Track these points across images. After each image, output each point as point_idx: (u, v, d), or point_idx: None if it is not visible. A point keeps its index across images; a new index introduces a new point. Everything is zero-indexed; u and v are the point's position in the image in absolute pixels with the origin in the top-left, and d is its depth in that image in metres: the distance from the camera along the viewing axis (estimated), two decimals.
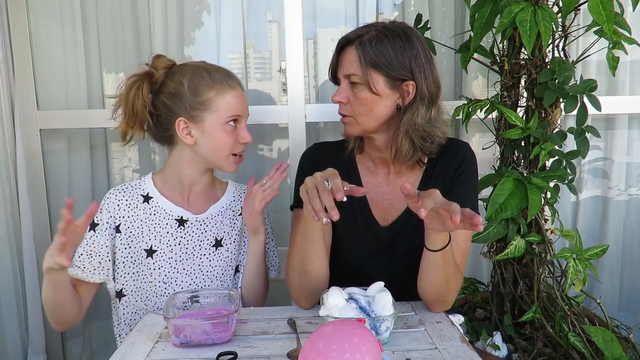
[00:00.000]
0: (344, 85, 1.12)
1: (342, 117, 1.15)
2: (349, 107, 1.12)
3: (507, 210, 1.28)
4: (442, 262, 1.02)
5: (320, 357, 0.70)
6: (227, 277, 1.27)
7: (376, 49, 1.07)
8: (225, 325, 0.96)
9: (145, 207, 1.21)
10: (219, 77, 1.17)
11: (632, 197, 1.97)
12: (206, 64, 1.20)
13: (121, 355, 0.93)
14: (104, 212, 1.18)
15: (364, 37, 1.09)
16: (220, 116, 1.16)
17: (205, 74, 1.17)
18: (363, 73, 1.08)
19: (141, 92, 1.17)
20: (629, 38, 1.31)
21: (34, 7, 1.74)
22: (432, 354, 0.91)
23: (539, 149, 1.34)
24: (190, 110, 1.15)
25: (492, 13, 1.31)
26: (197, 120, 1.16)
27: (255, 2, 1.83)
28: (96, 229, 1.17)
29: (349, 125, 1.15)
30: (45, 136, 1.79)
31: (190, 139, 1.17)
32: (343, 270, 1.18)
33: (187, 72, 1.17)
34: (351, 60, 1.09)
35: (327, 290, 0.96)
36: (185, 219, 1.22)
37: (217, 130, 1.16)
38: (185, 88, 1.15)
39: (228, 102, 1.16)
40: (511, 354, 1.41)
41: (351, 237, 1.20)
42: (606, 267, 1.97)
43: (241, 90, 1.20)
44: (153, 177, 1.25)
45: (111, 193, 1.21)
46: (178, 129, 1.17)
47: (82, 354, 1.92)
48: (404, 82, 1.09)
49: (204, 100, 1.15)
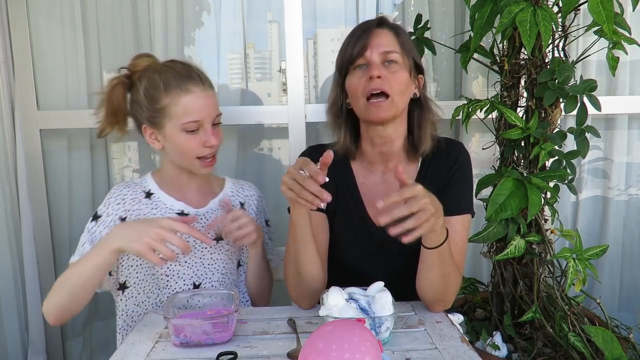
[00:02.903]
0: (376, 60, 1.10)
1: (374, 100, 1.09)
2: (386, 83, 1.08)
3: (507, 210, 1.28)
4: (439, 261, 1.02)
5: (320, 357, 0.70)
6: (228, 269, 1.27)
7: (406, 38, 1.14)
8: (225, 325, 0.96)
9: (148, 202, 1.22)
10: (175, 81, 1.14)
11: (632, 197, 1.97)
12: (168, 66, 1.17)
13: (121, 355, 0.93)
14: (110, 205, 1.20)
15: (392, 23, 1.14)
16: (177, 122, 1.13)
17: (159, 79, 1.14)
18: (403, 54, 1.12)
19: (119, 95, 1.19)
20: (629, 38, 1.31)
21: (34, 7, 1.74)
22: (432, 354, 0.91)
23: (539, 149, 1.34)
24: (150, 118, 1.16)
25: (492, 13, 1.31)
26: (159, 127, 1.16)
27: (255, 2, 1.83)
28: (98, 221, 1.18)
29: (384, 109, 1.09)
30: (45, 136, 1.79)
31: (158, 144, 1.19)
32: (341, 270, 1.18)
33: (145, 78, 1.16)
34: (390, 40, 1.11)
35: (327, 291, 0.96)
36: (186, 213, 1.23)
37: (176, 136, 1.15)
38: (142, 96, 1.15)
39: (185, 107, 1.13)
40: (511, 354, 1.41)
41: (347, 237, 1.20)
42: (606, 267, 1.97)
43: (203, 91, 1.16)
44: (153, 175, 1.27)
45: (116, 188, 1.24)
46: (145, 134, 1.19)
47: (82, 354, 1.92)
48: (418, 75, 1.16)
49: (159, 107, 1.14)
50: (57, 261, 1.84)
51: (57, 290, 1.10)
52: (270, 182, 1.89)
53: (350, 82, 1.13)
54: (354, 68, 1.12)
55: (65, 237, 1.85)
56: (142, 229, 1.04)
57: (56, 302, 1.11)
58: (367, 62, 1.10)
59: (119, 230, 1.09)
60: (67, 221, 1.84)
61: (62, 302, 1.11)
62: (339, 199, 1.21)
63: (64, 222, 1.84)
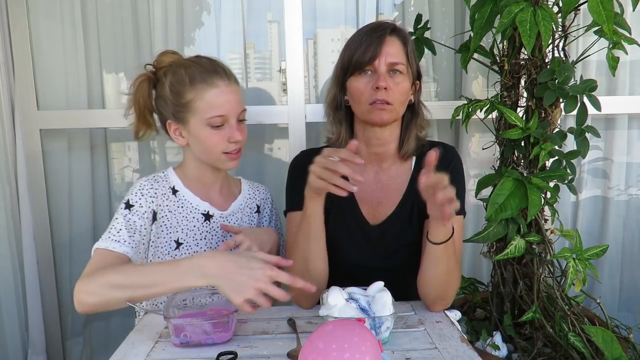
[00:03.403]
0: (384, 70, 1.11)
1: (379, 104, 1.11)
2: (392, 94, 1.11)
3: (507, 210, 1.28)
4: (444, 256, 1.03)
5: (320, 357, 0.70)
6: None
7: (412, 47, 1.16)
8: (225, 325, 0.96)
9: (174, 199, 1.19)
10: (200, 75, 1.12)
11: (632, 197, 1.97)
12: (194, 61, 1.16)
13: (121, 355, 0.92)
14: (143, 196, 1.14)
15: (402, 31, 1.14)
16: (202, 117, 1.12)
17: (184, 74, 1.12)
18: (408, 65, 1.14)
19: (144, 92, 1.17)
20: (629, 38, 1.31)
21: (34, 7, 1.74)
22: (432, 354, 0.91)
23: (539, 149, 1.34)
24: (175, 113, 1.14)
25: (492, 13, 1.31)
26: (183, 122, 1.14)
27: (255, 2, 1.83)
28: (132, 210, 1.13)
29: (387, 113, 1.12)
30: (45, 136, 1.79)
31: (182, 140, 1.17)
32: (338, 269, 1.19)
33: (170, 73, 1.15)
34: (399, 50, 1.13)
35: (327, 290, 0.97)
36: (211, 214, 1.21)
37: (201, 132, 1.13)
38: (167, 90, 1.14)
39: (210, 101, 1.11)
40: (511, 354, 1.41)
41: (342, 236, 1.21)
42: (606, 267, 1.97)
43: (228, 86, 1.14)
44: (175, 171, 1.23)
45: (146, 181, 1.17)
46: (170, 130, 1.17)
47: (82, 354, 1.92)
48: (415, 81, 1.19)
49: (184, 102, 1.12)
50: (57, 261, 1.85)
51: (107, 289, 0.97)
52: (270, 182, 1.88)
53: (355, 86, 1.14)
54: (360, 72, 1.14)
55: (65, 237, 1.85)
56: (243, 280, 0.91)
57: (100, 300, 0.98)
58: (374, 70, 1.12)
59: (213, 268, 0.93)
60: (67, 221, 1.84)
61: (106, 302, 0.98)
62: (332, 200, 1.21)
63: (64, 222, 1.84)
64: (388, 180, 1.22)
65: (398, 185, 1.22)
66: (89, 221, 1.85)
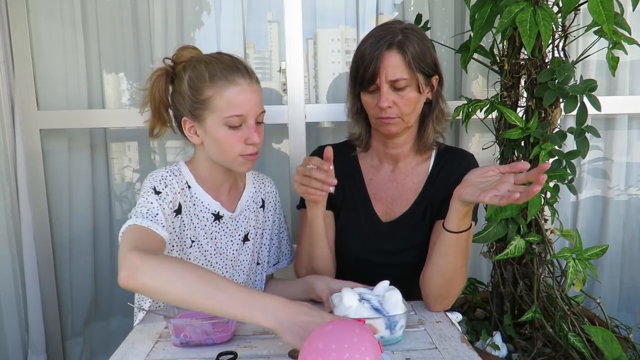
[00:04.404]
0: (386, 90, 1.11)
1: (385, 119, 1.14)
2: (396, 109, 1.13)
3: (507, 210, 1.29)
4: (455, 249, 1.03)
5: (320, 357, 0.70)
6: (252, 270, 1.26)
7: (414, 52, 1.12)
8: (225, 325, 0.96)
9: (188, 195, 1.15)
10: (220, 72, 1.08)
11: (632, 197, 1.97)
12: (215, 57, 1.12)
13: (121, 355, 0.93)
14: (168, 185, 1.09)
15: (399, 40, 1.11)
16: (220, 116, 1.07)
17: (205, 70, 1.09)
18: (411, 76, 1.11)
19: (161, 87, 1.14)
20: (629, 38, 1.31)
21: (34, 7, 1.74)
22: (432, 354, 0.91)
23: (539, 149, 1.34)
24: (192, 110, 1.10)
25: (492, 13, 1.31)
26: (200, 120, 1.10)
27: (255, 2, 1.83)
28: (160, 196, 1.07)
29: (394, 125, 1.15)
30: (45, 136, 1.79)
31: (196, 138, 1.13)
32: (347, 266, 1.21)
33: (190, 68, 1.11)
34: (398, 65, 1.10)
35: (339, 292, 0.97)
36: (221, 215, 1.19)
37: (217, 131, 1.08)
38: (186, 86, 1.10)
39: (229, 100, 1.06)
40: (511, 354, 1.41)
41: (353, 232, 1.23)
42: (606, 267, 1.97)
43: (249, 85, 1.10)
44: (187, 166, 1.18)
45: (165, 172, 1.12)
46: (184, 128, 1.13)
47: (82, 354, 1.92)
48: (432, 77, 1.17)
49: (203, 98, 1.08)
50: (57, 261, 1.84)
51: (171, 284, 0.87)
52: None
53: (364, 100, 1.18)
54: (365, 90, 1.15)
55: (65, 237, 1.85)
56: None
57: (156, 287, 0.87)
58: (377, 88, 1.13)
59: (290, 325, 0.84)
60: (67, 221, 1.84)
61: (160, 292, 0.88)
62: (345, 194, 1.25)
63: (64, 222, 1.84)
64: (404, 179, 1.24)
65: (414, 184, 1.23)
66: (89, 221, 1.85)
